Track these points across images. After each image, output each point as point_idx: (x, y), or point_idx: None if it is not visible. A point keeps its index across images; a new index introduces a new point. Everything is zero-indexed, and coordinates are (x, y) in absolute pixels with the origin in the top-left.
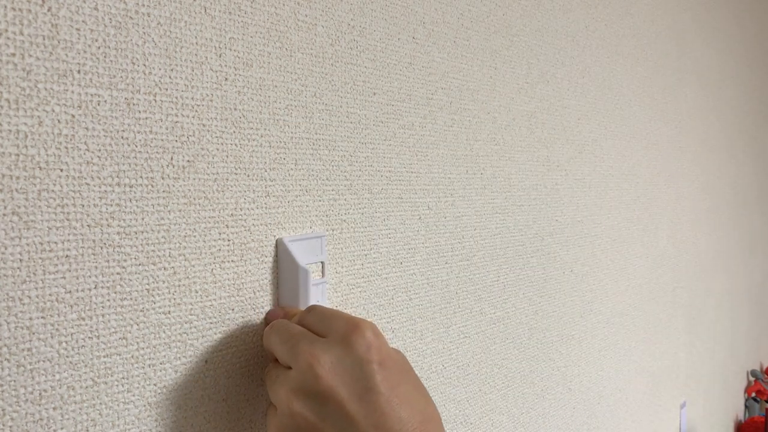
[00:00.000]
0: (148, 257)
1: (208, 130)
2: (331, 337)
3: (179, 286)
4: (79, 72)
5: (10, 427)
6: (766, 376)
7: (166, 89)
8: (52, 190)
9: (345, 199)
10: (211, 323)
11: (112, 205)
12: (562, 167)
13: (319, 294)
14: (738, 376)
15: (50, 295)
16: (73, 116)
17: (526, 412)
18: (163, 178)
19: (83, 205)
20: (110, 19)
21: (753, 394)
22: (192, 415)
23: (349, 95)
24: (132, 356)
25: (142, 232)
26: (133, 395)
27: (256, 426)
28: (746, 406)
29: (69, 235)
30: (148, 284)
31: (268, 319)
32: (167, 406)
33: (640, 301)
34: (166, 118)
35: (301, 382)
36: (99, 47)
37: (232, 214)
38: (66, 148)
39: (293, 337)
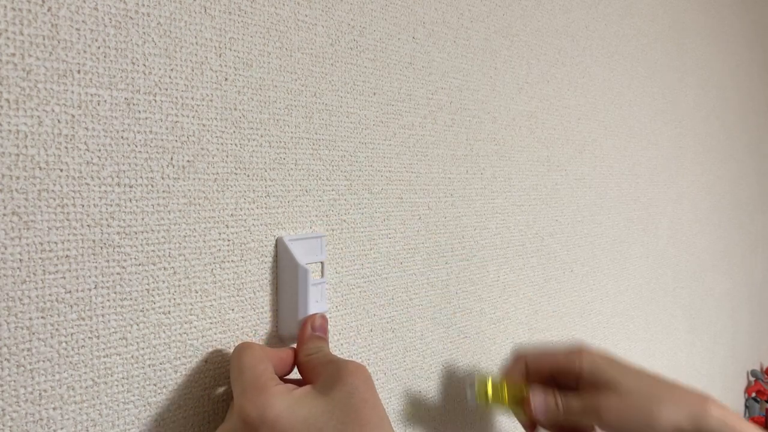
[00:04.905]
0: (148, 257)
1: (208, 130)
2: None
3: (179, 286)
4: (79, 72)
5: (10, 427)
6: (766, 376)
7: (166, 89)
8: (52, 190)
9: (345, 199)
10: (211, 323)
11: (112, 205)
12: (562, 167)
13: (319, 294)
14: (738, 376)
15: (50, 295)
16: (73, 116)
17: None
18: (163, 178)
19: (83, 205)
20: (110, 19)
21: (753, 394)
22: (192, 415)
23: (349, 95)
24: (132, 356)
25: (142, 232)
26: (133, 395)
27: None
28: (746, 406)
29: (69, 235)
30: (148, 284)
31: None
32: (167, 406)
33: (640, 301)
34: (166, 118)
35: None
36: (99, 47)
37: (232, 214)
38: (66, 148)
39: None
